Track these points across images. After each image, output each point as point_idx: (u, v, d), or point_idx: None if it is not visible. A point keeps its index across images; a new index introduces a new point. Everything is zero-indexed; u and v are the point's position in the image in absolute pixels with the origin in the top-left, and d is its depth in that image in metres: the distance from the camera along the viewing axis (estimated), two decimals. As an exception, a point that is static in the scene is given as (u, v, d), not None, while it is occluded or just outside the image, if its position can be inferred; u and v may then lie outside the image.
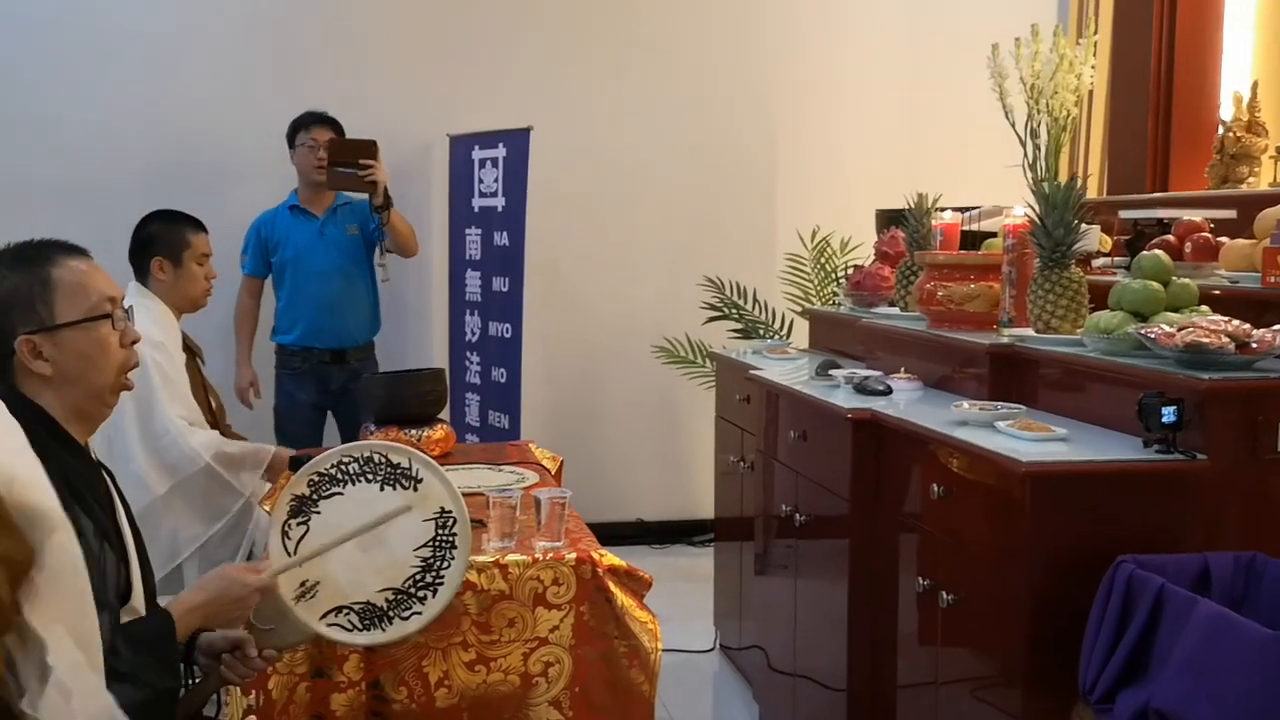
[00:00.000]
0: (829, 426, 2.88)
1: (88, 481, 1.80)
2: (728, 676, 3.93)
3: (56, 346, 1.77)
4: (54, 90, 4.83)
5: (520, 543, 2.41)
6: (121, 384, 1.86)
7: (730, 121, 5.38)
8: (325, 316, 4.40)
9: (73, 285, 1.78)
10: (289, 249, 4.45)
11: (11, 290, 1.75)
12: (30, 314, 1.75)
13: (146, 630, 1.73)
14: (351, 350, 4.45)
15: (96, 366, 1.80)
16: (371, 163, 4.24)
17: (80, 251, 1.85)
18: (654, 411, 5.42)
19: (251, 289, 4.57)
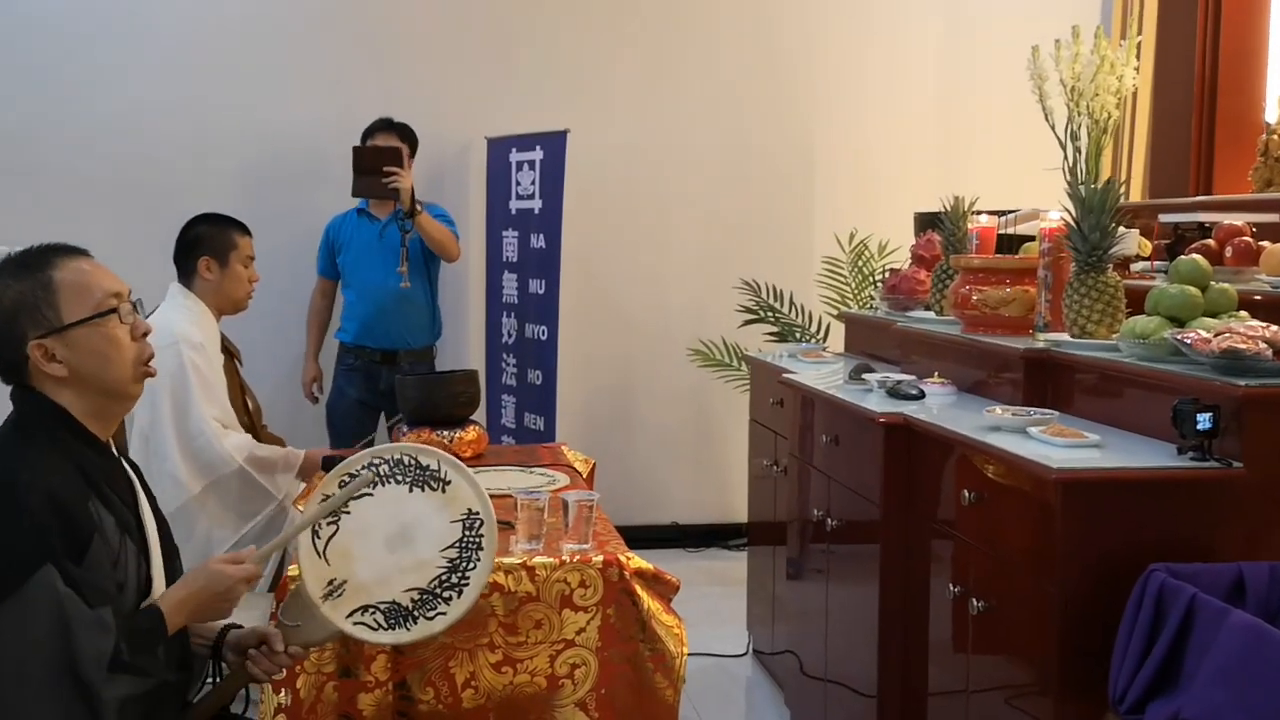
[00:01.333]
0: (861, 431, 2.86)
1: (108, 476, 1.82)
2: (760, 681, 3.91)
3: (68, 347, 1.78)
4: (97, 92, 4.89)
5: (548, 545, 2.41)
6: (143, 373, 1.87)
7: (768, 124, 5.36)
8: (378, 317, 4.52)
9: (75, 285, 1.80)
10: (351, 251, 4.60)
11: (16, 298, 1.77)
12: (38, 318, 1.77)
13: (137, 625, 1.74)
14: (404, 353, 4.54)
15: (110, 362, 1.81)
16: (395, 170, 4.29)
17: (80, 252, 1.86)
18: (689, 414, 5.41)
19: (322, 289, 4.75)
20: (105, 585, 1.71)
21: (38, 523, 1.64)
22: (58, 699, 1.59)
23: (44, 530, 1.64)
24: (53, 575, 1.61)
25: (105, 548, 1.72)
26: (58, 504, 1.67)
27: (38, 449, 1.74)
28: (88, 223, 4.74)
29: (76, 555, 1.67)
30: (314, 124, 4.96)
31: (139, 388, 1.88)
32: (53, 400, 1.79)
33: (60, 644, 1.59)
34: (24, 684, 1.58)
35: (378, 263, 4.49)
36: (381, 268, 4.47)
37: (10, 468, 1.70)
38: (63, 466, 1.73)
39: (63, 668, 1.59)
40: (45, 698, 1.59)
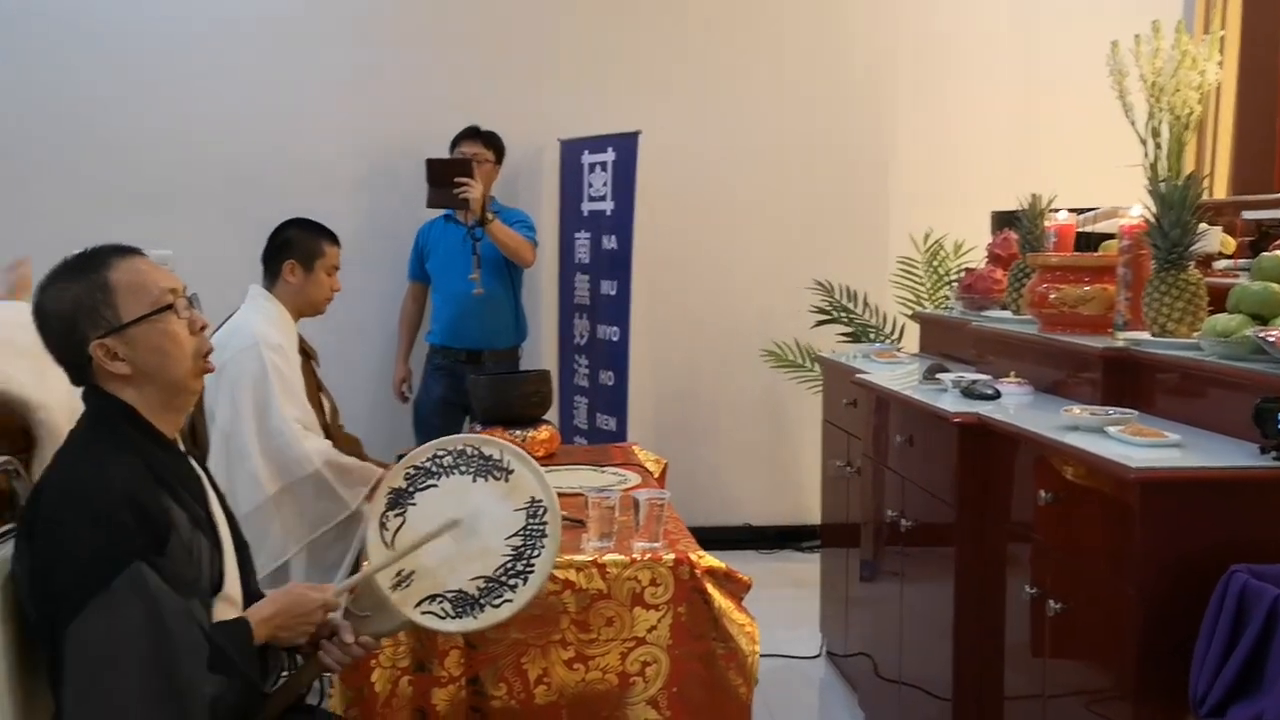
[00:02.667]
0: (935, 431, 2.83)
1: (178, 473, 1.86)
2: (833, 683, 3.88)
3: (129, 345, 1.82)
4: (187, 102, 5.01)
5: (619, 543, 2.43)
6: (202, 368, 1.91)
7: (842, 123, 5.33)
8: (462, 319, 4.68)
9: (131, 284, 1.83)
10: (437, 256, 4.77)
11: (74, 301, 1.81)
12: (97, 319, 1.81)
13: (227, 633, 1.79)
14: (488, 353, 4.69)
15: (170, 357, 1.85)
16: (465, 181, 4.42)
17: (133, 251, 1.90)
18: (762, 415, 5.39)
19: (412, 293, 4.97)
20: (186, 578, 1.75)
21: (118, 521, 1.68)
22: (152, 691, 1.63)
23: (125, 528, 1.68)
24: (142, 570, 1.65)
25: (180, 545, 1.77)
26: (135, 502, 1.71)
27: (111, 448, 1.78)
28: (175, 229, 4.90)
29: (157, 550, 1.71)
30: (392, 131, 5.05)
31: (199, 382, 1.91)
32: (120, 399, 1.83)
33: (153, 639, 1.63)
34: (120, 679, 1.62)
35: (460, 267, 4.61)
36: (462, 271, 4.59)
37: (87, 467, 1.75)
38: (135, 465, 1.77)
39: (155, 662, 1.63)
40: (140, 691, 1.62)
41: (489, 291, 4.55)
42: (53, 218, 4.78)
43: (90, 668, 1.63)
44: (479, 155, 4.70)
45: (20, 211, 4.84)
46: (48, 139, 4.94)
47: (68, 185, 4.93)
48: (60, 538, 1.68)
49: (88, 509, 1.69)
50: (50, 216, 4.78)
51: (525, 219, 4.77)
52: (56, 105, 4.95)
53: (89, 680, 1.63)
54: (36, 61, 4.94)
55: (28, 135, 4.93)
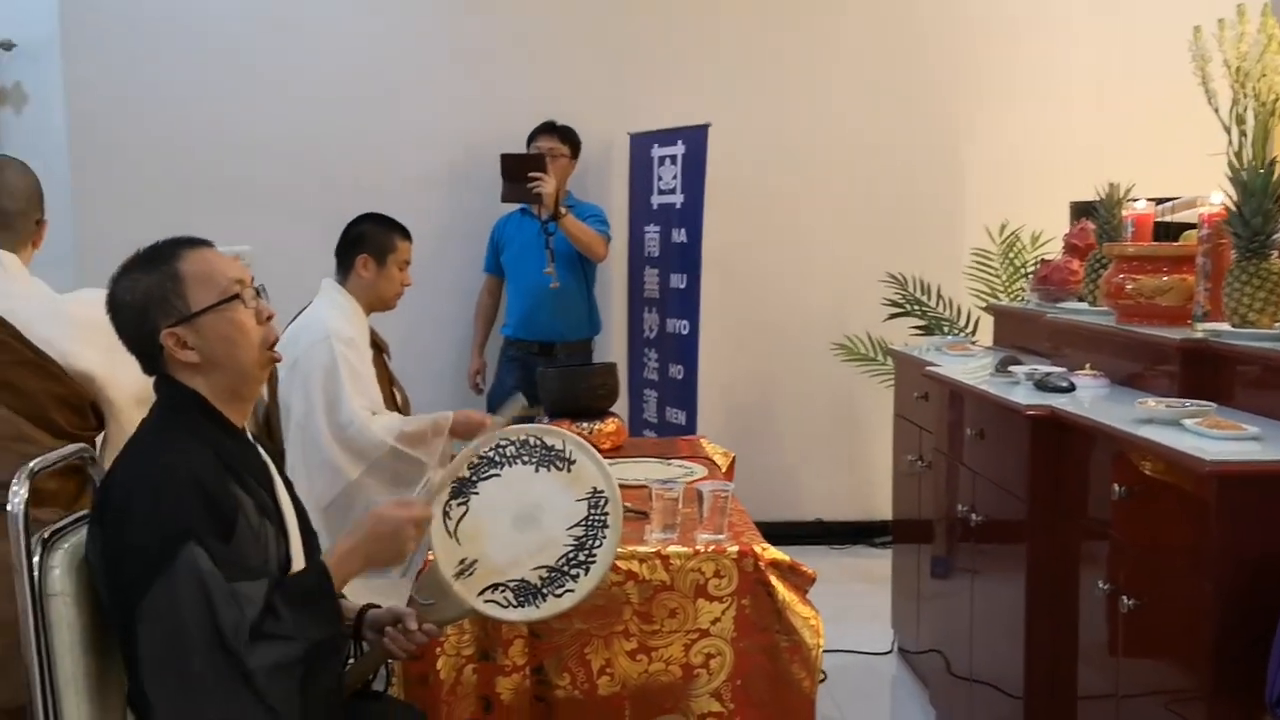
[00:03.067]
0: (1007, 424, 2.78)
1: (244, 461, 1.89)
2: (905, 680, 3.84)
3: (198, 334, 1.85)
4: (262, 103, 5.11)
5: (683, 535, 2.42)
6: (268, 357, 1.93)
7: (915, 113, 5.26)
8: (535, 311, 4.75)
9: (200, 274, 1.86)
10: (511, 249, 4.86)
11: (146, 291, 1.85)
12: (168, 309, 1.84)
13: (303, 583, 1.81)
14: (560, 345, 4.78)
15: (238, 346, 1.88)
16: (539, 176, 4.48)
17: (203, 242, 1.93)
18: (834, 410, 5.34)
19: (489, 286, 5.04)
20: (253, 562, 1.78)
21: (183, 505, 1.71)
22: (214, 667, 1.66)
23: (189, 511, 1.71)
24: (196, 552, 1.68)
25: (249, 528, 1.80)
26: (202, 487, 1.74)
27: (180, 436, 1.82)
28: (257, 224, 5.00)
29: (223, 534, 1.74)
30: (468, 126, 5.09)
31: (265, 371, 1.94)
32: (189, 387, 1.87)
33: (206, 617, 1.67)
34: (185, 653, 1.66)
35: (534, 260, 4.69)
36: (536, 264, 4.67)
37: (157, 453, 1.79)
38: (204, 452, 1.80)
39: (213, 639, 1.66)
40: (205, 665, 1.66)
41: (562, 284, 4.61)
42: (140, 212, 4.89)
43: (161, 645, 1.67)
44: (554, 150, 4.75)
45: (112, 205, 4.97)
46: (137, 136, 5.06)
47: (155, 180, 5.05)
48: (129, 522, 1.72)
49: (155, 494, 1.72)
50: (138, 211, 4.89)
51: (599, 213, 4.83)
52: (143, 103, 5.07)
53: (161, 657, 1.67)
54: (124, 60, 5.07)
55: (117, 132, 5.06)
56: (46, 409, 2.14)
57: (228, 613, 1.68)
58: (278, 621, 1.72)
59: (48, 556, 1.78)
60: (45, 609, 1.75)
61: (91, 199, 5.04)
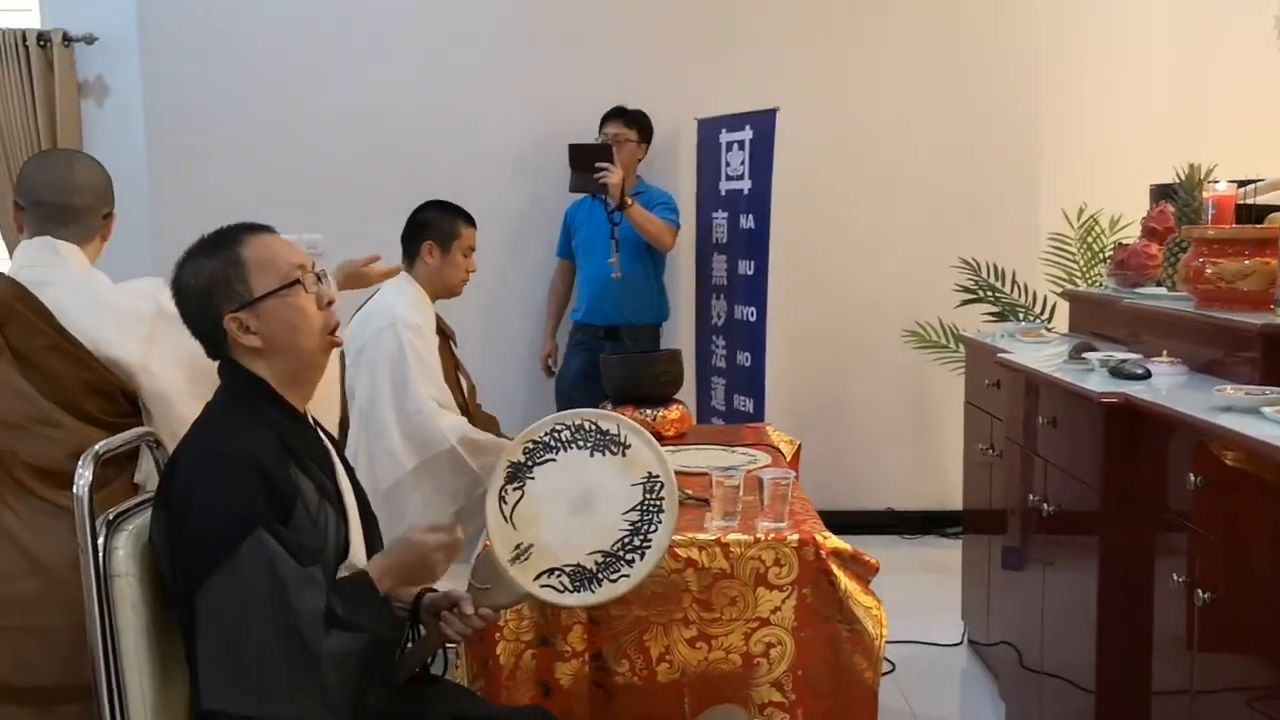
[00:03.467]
0: (1080, 412, 2.71)
1: (306, 445, 1.91)
2: (975, 672, 3.78)
3: (260, 319, 1.87)
4: (331, 91, 5.16)
5: (743, 522, 2.39)
6: (329, 342, 1.94)
7: (989, 95, 5.15)
8: (601, 296, 4.79)
9: (262, 259, 1.88)
10: (581, 234, 4.90)
11: (210, 276, 1.87)
12: (230, 294, 1.86)
13: (352, 588, 1.82)
14: (625, 329, 4.79)
15: (300, 331, 1.89)
16: (605, 166, 4.49)
17: (265, 228, 1.95)
18: (905, 397, 5.27)
19: (560, 270, 5.11)
20: (311, 546, 1.79)
21: (247, 489, 1.73)
22: (283, 652, 1.67)
23: (253, 496, 1.73)
24: (265, 537, 1.70)
25: (307, 512, 1.81)
26: (262, 471, 1.75)
27: (242, 420, 1.84)
28: (333, 213, 5.08)
29: (282, 518, 1.75)
30: (539, 113, 5.09)
31: (326, 356, 1.95)
32: (252, 371, 1.88)
33: (278, 602, 1.68)
34: (253, 639, 1.68)
35: (601, 246, 4.72)
36: (604, 251, 4.69)
37: (219, 437, 1.81)
38: (265, 436, 1.82)
39: (283, 624, 1.68)
40: (273, 651, 1.67)
41: (628, 271, 4.63)
42: (215, 202, 4.93)
43: (222, 629, 1.69)
44: (620, 135, 4.75)
45: (188, 195, 5.05)
46: (212, 127, 5.13)
47: (230, 171, 5.12)
48: (192, 505, 1.74)
49: (218, 477, 1.74)
50: (213, 201, 4.95)
51: (668, 200, 4.82)
52: (218, 95, 5.15)
53: (223, 641, 1.69)
54: (200, 52, 5.15)
55: (193, 124, 5.15)
56: (74, 394, 2.19)
57: (304, 596, 1.70)
58: (342, 613, 1.74)
59: (112, 538, 1.81)
60: (109, 590, 1.78)
61: (168, 190, 5.13)
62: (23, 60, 5.43)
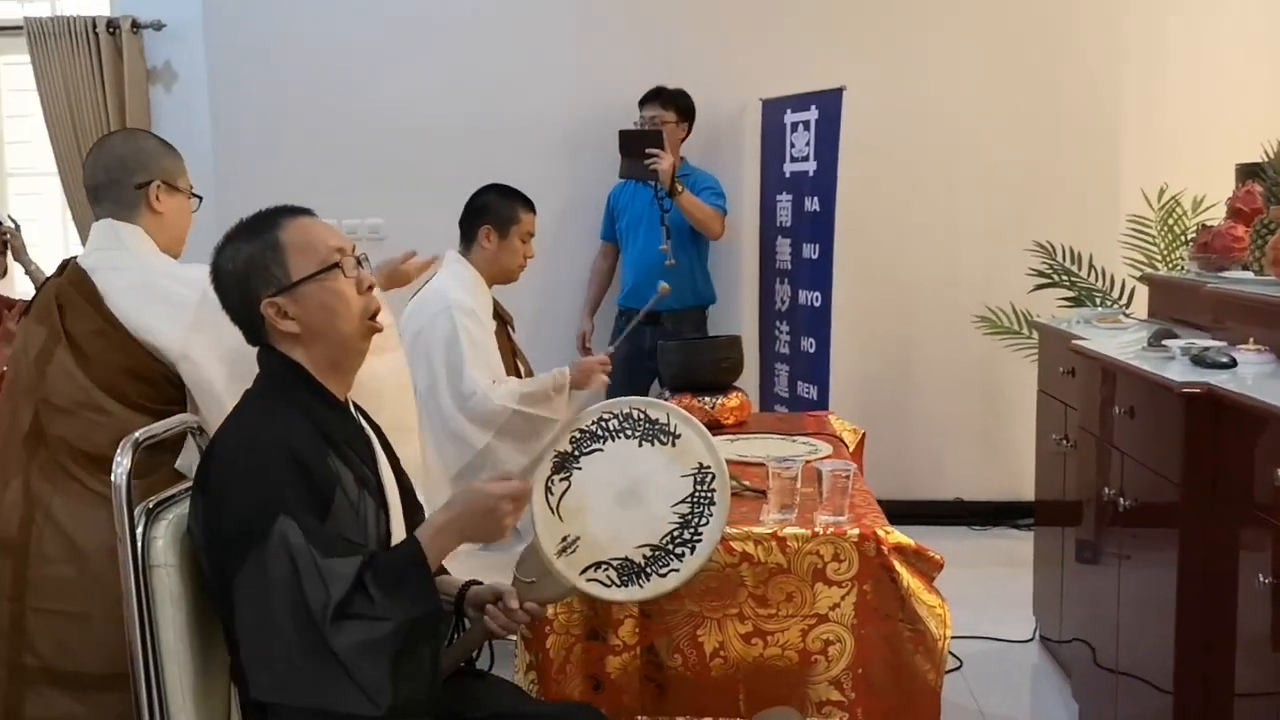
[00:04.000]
0: (1159, 403, 2.58)
1: (344, 433, 1.85)
2: (1046, 670, 3.65)
3: (298, 304, 1.82)
4: (389, 77, 5.14)
5: (801, 516, 2.31)
6: (369, 328, 1.88)
7: (1066, 72, 4.97)
8: (643, 280, 4.68)
9: (300, 243, 1.83)
10: (626, 217, 4.85)
11: (247, 260, 1.83)
12: (268, 278, 1.82)
13: (395, 559, 1.75)
14: (667, 314, 4.67)
15: (339, 315, 1.84)
16: (656, 152, 4.40)
17: (304, 211, 1.89)
18: (976, 385, 5.13)
19: (604, 252, 5.06)
20: (350, 536, 1.74)
21: (279, 478, 1.68)
22: (299, 644, 1.63)
23: (284, 485, 1.68)
24: (288, 526, 1.65)
25: (346, 503, 1.76)
26: (299, 460, 1.70)
27: (280, 407, 1.79)
28: (391, 198, 5.07)
29: (319, 509, 1.70)
30: (596, 95, 5.02)
31: (366, 342, 1.89)
32: (290, 358, 1.84)
33: (296, 593, 1.63)
34: (275, 629, 1.63)
35: (646, 230, 4.71)
36: (647, 234, 4.69)
37: (256, 425, 1.76)
38: (302, 423, 1.77)
39: (302, 616, 1.63)
40: (293, 643, 1.63)
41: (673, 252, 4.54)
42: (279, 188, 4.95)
43: (255, 619, 1.65)
44: (660, 117, 4.70)
45: (252, 181, 5.04)
46: (274, 113, 5.15)
47: (292, 157, 5.14)
48: (227, 493, 1.70)
49: (252, 465, 1.70)
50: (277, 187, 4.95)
51: (714, 185, 4.74)
52: (280, 81, 5.16)
53: (255, 631, 1.65)
54: (261, 39, 5.16)
55: (255, 110, 5.16)
56: (117, 379, 2.16)
57: (314, 590, 1.64)
58: (369, 601, 1.67)
59: (151, 527, 1.78)
60: (149, 580, 1.75)
61: (233, 175, 5.14)
62: (93, 47, 5.50)
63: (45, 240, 6.01)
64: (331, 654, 1.63)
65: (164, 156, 2.37)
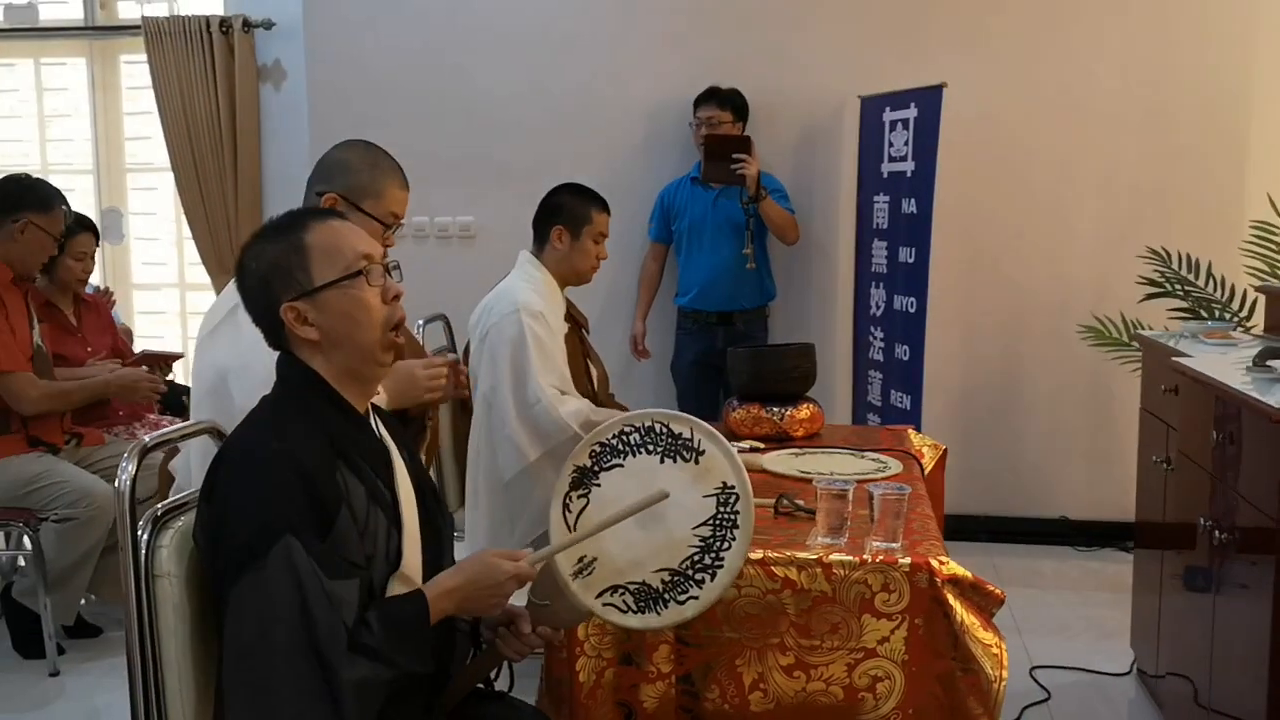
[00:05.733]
0: (1257, 428, 2.37)
1: (359, 446, 1.78)
2: (1142, 707, 3.42)
3: (319, 310, 1.75)
4: (486, 68, 5.11)
5: (851, 541, 2.17)
6: (390, 341, 1.81)
7: (1192, 66, 4.66)
8: (713, 282, 4.67)
9: (326, 247, 1.77)
10: (686, 218, 4.76)
11: (271, 262, 1.77)
12: (290, 281, 1.76)
13: (400, 612, 1.68)
14: (738, 314, 4.70)
15: (360, 325, 1.77)
16: (744, 158, 4.43)
17: (335, 214, 1.84)
18: (1083, 398, 4.86)
19: (655, 254, 4.94)
20: (351, 557, 1.67)
21: (284, 494, 1.62)
22: (299, 672, 1.57)
23: (290, 501, 1.62)
24: (292, 545, 1.59)
25: (351, 519, 1.69)
26: (305, 475, 1.64)
27: (293, 416, 1.74)
28: (480, 197, 5.04)
29: (322, 527, 1.64)
30: (681, 92, 4.91)
31: (388, 355, 1.82)
32: (308, 365, 1.78)
33: (300, 617, 1.57)
34: (270, 653, 1.57)
35: (709, 230, 4.66)
36: (713, 235, 4.65)
37: (263, 437, 1.70)
38: (313, 434, 1.71)
39: (303, 640, 1.57)
40: (288, 669, 1.57)
41: (733, 254, 4.59)
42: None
43: (244, 637, 1.59)
44: (715, 118, 4.65)
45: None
46: (370, 111, 5.16)
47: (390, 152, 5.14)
48: (230, 504, 1.65)
49: (258, 478, 1.65)
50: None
51: (780, 187, 4.69)
52: (376, 79, 5.18)
53: (244, 649, 1.59)
54: (359, 38, 5.19)
55: (352, 108, 5.19)
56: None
57: (324, 615, 1.58)
58: (370, 634, 1.62)
59: (157, 535, 1.74)
60: (152, 589, 1.72)
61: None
62: (206, 46, 5.62)
63: (161, 233, 6.19)
64: (333, 686, 1.57)
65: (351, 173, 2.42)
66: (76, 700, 3.55)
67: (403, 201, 2.49)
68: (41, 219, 3.76)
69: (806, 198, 4.88)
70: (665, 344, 4.94)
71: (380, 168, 2.46)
